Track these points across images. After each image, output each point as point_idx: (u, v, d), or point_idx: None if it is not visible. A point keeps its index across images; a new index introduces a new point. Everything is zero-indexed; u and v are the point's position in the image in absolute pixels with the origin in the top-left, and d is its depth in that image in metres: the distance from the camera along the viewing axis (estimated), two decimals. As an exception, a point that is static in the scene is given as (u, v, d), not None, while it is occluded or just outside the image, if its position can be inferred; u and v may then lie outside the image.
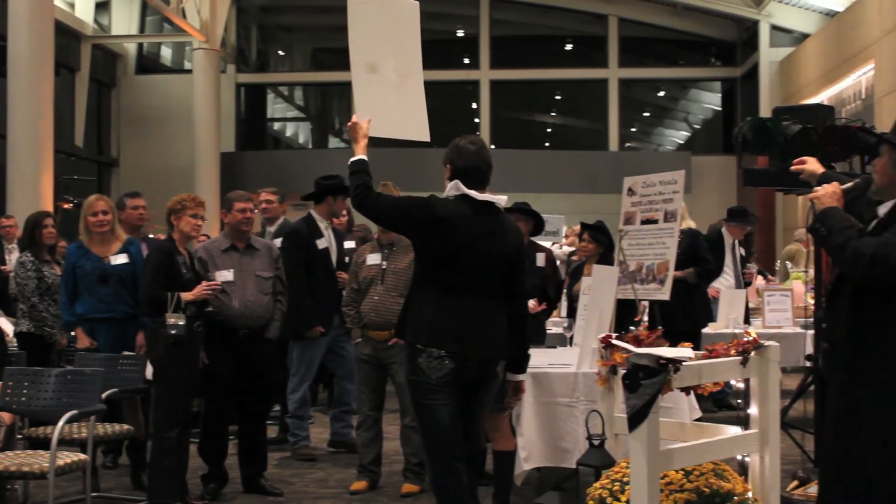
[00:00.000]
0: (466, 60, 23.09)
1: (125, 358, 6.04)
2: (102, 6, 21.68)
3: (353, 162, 4.22)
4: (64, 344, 6.94)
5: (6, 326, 7.35)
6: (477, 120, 22.63)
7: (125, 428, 5.84)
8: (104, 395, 5.35)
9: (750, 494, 3.93)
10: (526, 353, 4.39)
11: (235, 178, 19.21)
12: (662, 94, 24.96)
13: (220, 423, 6.08)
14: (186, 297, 5.55)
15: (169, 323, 5.49)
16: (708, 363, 3.86)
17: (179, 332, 5.50)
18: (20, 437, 5.63)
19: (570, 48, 24.30)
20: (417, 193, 4.28)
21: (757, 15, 20.73)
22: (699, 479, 3.81)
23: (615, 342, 4.02)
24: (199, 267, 5.91)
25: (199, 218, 5.76)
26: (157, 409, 5.71)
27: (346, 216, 8.28)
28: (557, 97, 24.69)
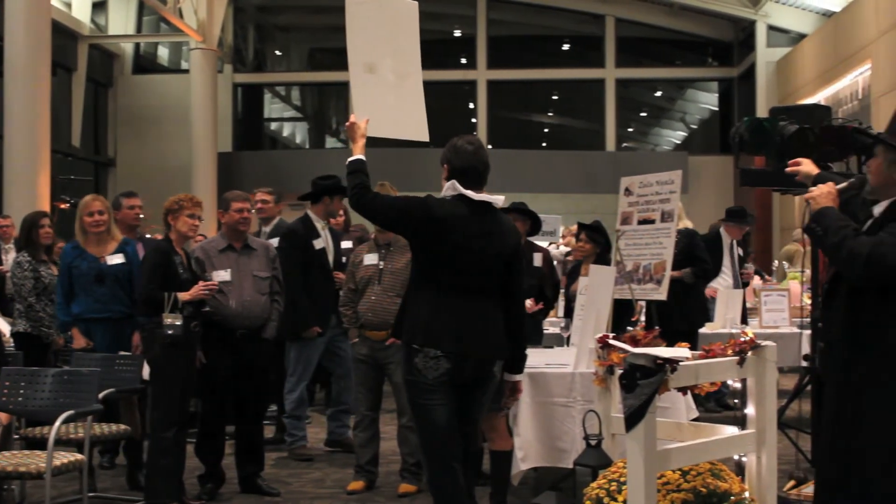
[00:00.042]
0: (463, 60, 23.10)
1: (122, 358, 6.04)
2: (99, 6, 21.66)
3: (350, 162, 4.22)
4: (61, 344, 6.93)
5: (3, 326, 7.35)
6: (474, 120, 22.64)
7: (122, 428, 5.84)
8: (101, 395, 5.35)
9: (747, 494, 3.93)
10: (523, 353, 4.38)
11: (232, 178, 19.20)
12: (659, 94, 24.99)
13: (217, 423, 6.08)
14: (183, 297, 5.55)
15: (166, 323, 5.49)
16: (705, 363, 3.86)
17: (176, 332, 5.50)
18: (17, 437, 5.63)
19: (566, 48, 24.31)
20: (415, 193, 4.27)
21: (754, 15, 20.76)
22: (696, 479, 3.81)
23: (612, 342, 4.02)
24: (196, 267, 5.90)
25: (196, 218, 5.76)
26: (153, 409, 5.71)
27: (343, 216, 8.27)
28: (554, 97, 24.71)
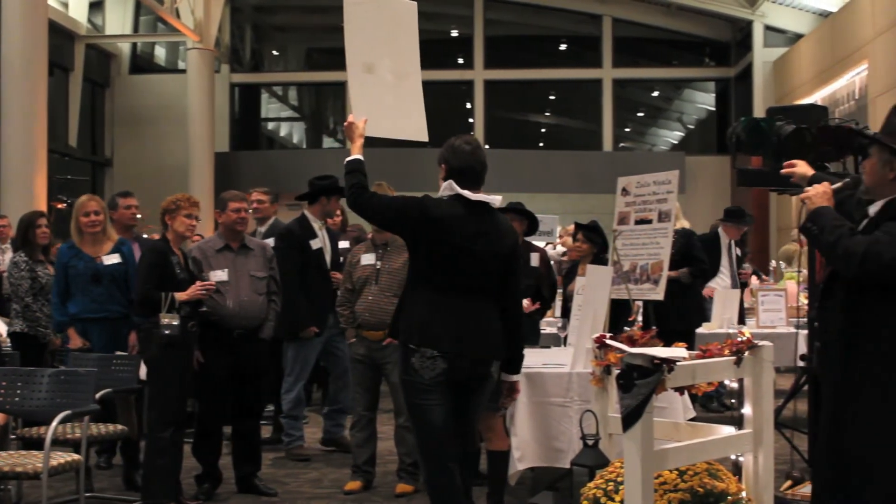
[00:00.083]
0: (461, 60, 23.10)
1: (119, 358, 6.03)
2: (96, 6, 21.65)
3: (348, 161, 4.21)
4: (58, 344, 6.93)
5: (0, 327, 7.35)
6: (471, 120, 22.65)
7: (119, 428, 5.83)
8: (98, 395, 5.34)
9: (744, 494, 3.93)
10: (520, 353, 4.37)
11: (229, 178, 19.20)
12: (656, 94, 25.00)
13: (214, 423, 6.07)
14: (180, 297, 5.54)
15: (163, 323, 5.49)
16: (702, 363, 3.86)
17: (173, 332, 5.50)
18: (14, 437, 5.63)
19: (564, 48, 24.32)
20: (412, 193, 4.27)
21: (751, 15, 20.77)
22: (693, 478, 3.81)
23: (609, 342, 4.02)
24: (193, 267, 5.90)
25: (193, 218, 5.75)
26: (150, 409, 5.70)
27: (340, 216, 8.27)
28: (552, 97, 24.72)
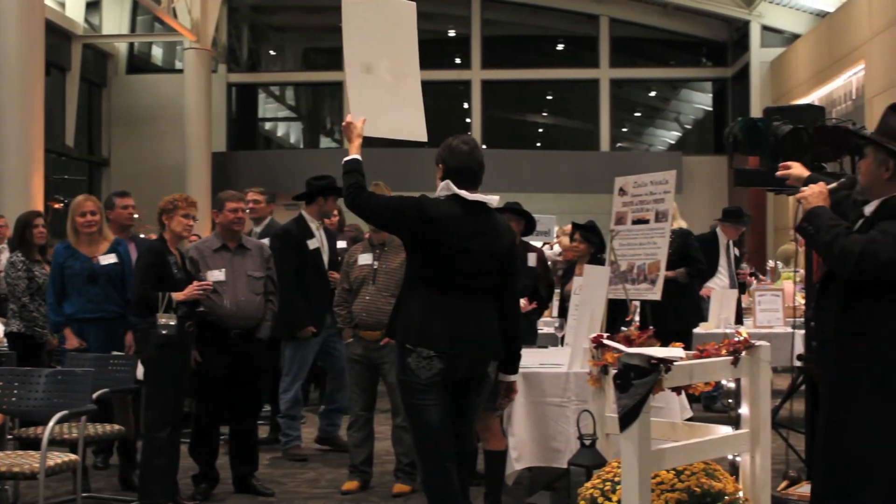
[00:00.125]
0: (458, 60, 23.10)
1: (116, 358, 6.03)
2: (93, 6, 21.62)
3: (346, 161, 4.21)
4: (55, 344, 6.92)
5: (-4, 327, 7.34)
6: (468, 120, 22.65)
7: (116, 428, 5.83)
8: (95, 395, 5.33)
9: (741, 494, 3.94)
10: (518, 353, 4.37)
11: (227, 177, 19.19)
12: (653, 94, 25.01)
13: (211, 423, 6.07)
14: (178, 296, 5.54)
15: (160, 323, 5.48)
16: (699, 363, 3.86)
17: (170, 332, 5.49)
18: (10, 437, 5.62)
19: (561, 48, 24.33)
20: (409, 193, 4.27)
21: (748, 15, 20.78)
22: (690, 478, 3.81)
23: (606, 342, 4.02)
24: (190, 267, 5.90)
25: (190, 218, 5.74)
26: (148, 409, 5.69)
27: (337, 216, 8.27)
28: (549, 97, 24.72)
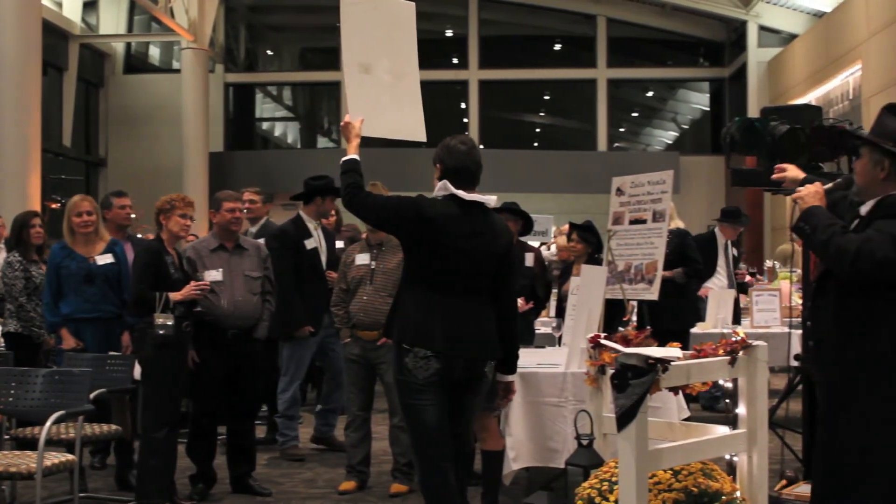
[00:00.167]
0: (455, 60, 23.09)
1: (113, 358, 6.02)
2: (90, 5, 21.61)
3: (344, 161, 4.21)
4: (52, 344, 6.91)
5: (-7, 326, 7.33)
6: (466, 120, 22.64)
7: (113, 428, 5.82)
8: (92, 395, 5.33)
9: (738, 494, 3.94)
10: (515, 353, 4.37)
11: (224, 177, 19.18)
12: (651, 94, 25.02)
13: (208, 423, 6.06)
14: (175, 296, 5.54)
15: (157, 323, 5.48)
16: (696, 363, 3.87)
17: (168, 332, 5.49)
18: (7, 437, 5.61)
19: (558, 48, 24.33)
20: (407, 193, 4.27)
21: (745, 15, 20.79)
22: (688, 478, 3.81)
23: (604, 342, 4.03)
24: (187, 267, 5.90)
25: (187, 218, 5.75)
26: (145, 409, 5.69)
27: (334, 216, 8.27)
28: (546, 97, 24.72)
